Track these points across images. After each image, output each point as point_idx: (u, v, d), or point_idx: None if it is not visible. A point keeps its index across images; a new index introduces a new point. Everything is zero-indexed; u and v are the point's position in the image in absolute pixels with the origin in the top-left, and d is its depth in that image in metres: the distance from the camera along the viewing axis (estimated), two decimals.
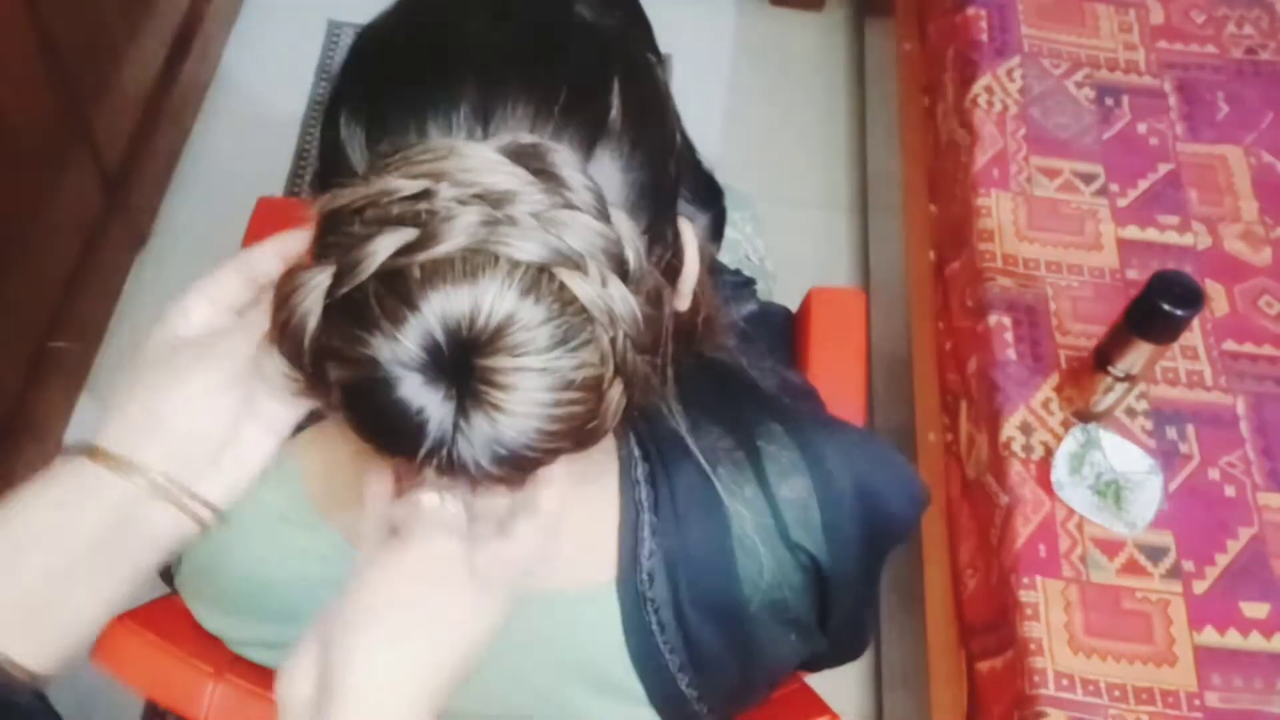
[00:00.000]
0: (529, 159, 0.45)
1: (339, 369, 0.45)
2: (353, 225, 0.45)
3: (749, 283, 1.19)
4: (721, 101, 2.03)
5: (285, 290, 0.46)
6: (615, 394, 0.47)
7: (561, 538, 0.62)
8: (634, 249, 0.47)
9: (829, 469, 0.65)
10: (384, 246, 0.43)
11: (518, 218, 0.44)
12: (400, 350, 0.43)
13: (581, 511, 0.61)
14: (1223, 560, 1.11)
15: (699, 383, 0.57)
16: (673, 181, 0.55)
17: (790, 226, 1.86)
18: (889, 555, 0.73)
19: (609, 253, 0.45)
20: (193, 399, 0.50)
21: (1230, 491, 1.15)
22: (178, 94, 1.76)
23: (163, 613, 0.71)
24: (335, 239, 0.45)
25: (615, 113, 0.51)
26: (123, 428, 0.50)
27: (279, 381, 0.48)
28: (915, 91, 1.66)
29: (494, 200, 0.44)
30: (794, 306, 1.14)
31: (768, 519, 0.63)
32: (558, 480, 0.52)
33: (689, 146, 0.59)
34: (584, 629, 0.63)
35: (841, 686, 1.47)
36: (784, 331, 1.12)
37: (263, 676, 0.69)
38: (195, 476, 0.51)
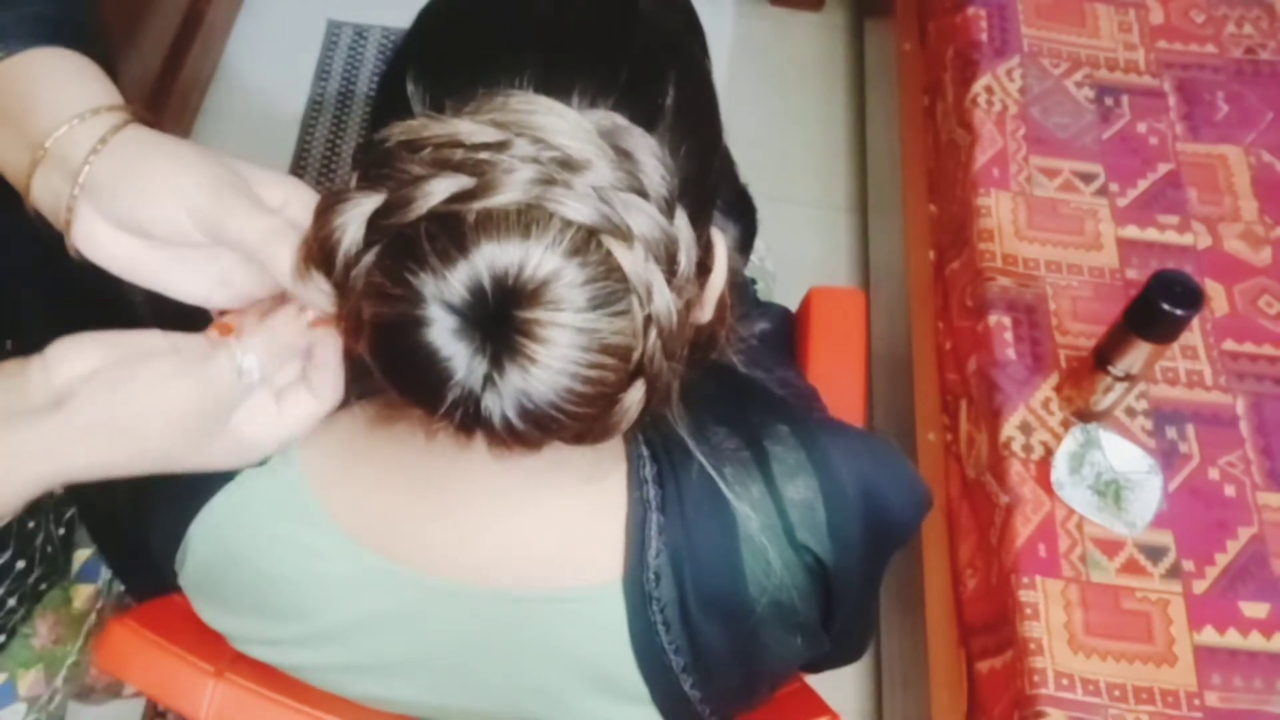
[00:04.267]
0: (614, 137, 0.46)
1: (377, 305, 0.46)
2: (407, 162, 0.46)
3: (749, 283, 1.19)
4: (721, 101, 2.02)
5: (327, 208, 0.47)
6: (637, 393, 0.47)
7: (567, 536, 0.62)
8: (687, 254, 0.48)
9: (835, 470, 0.65)
10: (440, 189, 0.44)
11: (576, 185, 0.45)
12: (446, 289, 0.44)
13: (588, 510, 0.62)
14: (1222, 560, 1.11)
15: (705, 383, 0.57)
16: (713, 185, 0.55)
17: (790, 226, 1.86)
18: (891, 557, 0.73)
19: (664, 246, 0.47)
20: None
21: (1230, 491, 1.15)
22: (178, 93, 1.76)
23: (163, 613, 0.71)
24: (389, 171, 0.46)
25: (670, 103, 0.51)
26: None
27: (319, 300, 0.49)
28: (915, 91, 1.66)
29: (568, 165, 0.45)
30: (794, 306, 1.14)
31: (774, 519, 0.63)
32: (337, 369, 0.53)
33: (728, 157, 0.60)
34: (589, 628, 0.63)
35: (841, 686, 1.48)
36: (784, 331, 1.12)
37: (263, 675, 0.69)
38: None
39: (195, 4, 1.81)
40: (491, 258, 0.44)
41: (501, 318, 0.44)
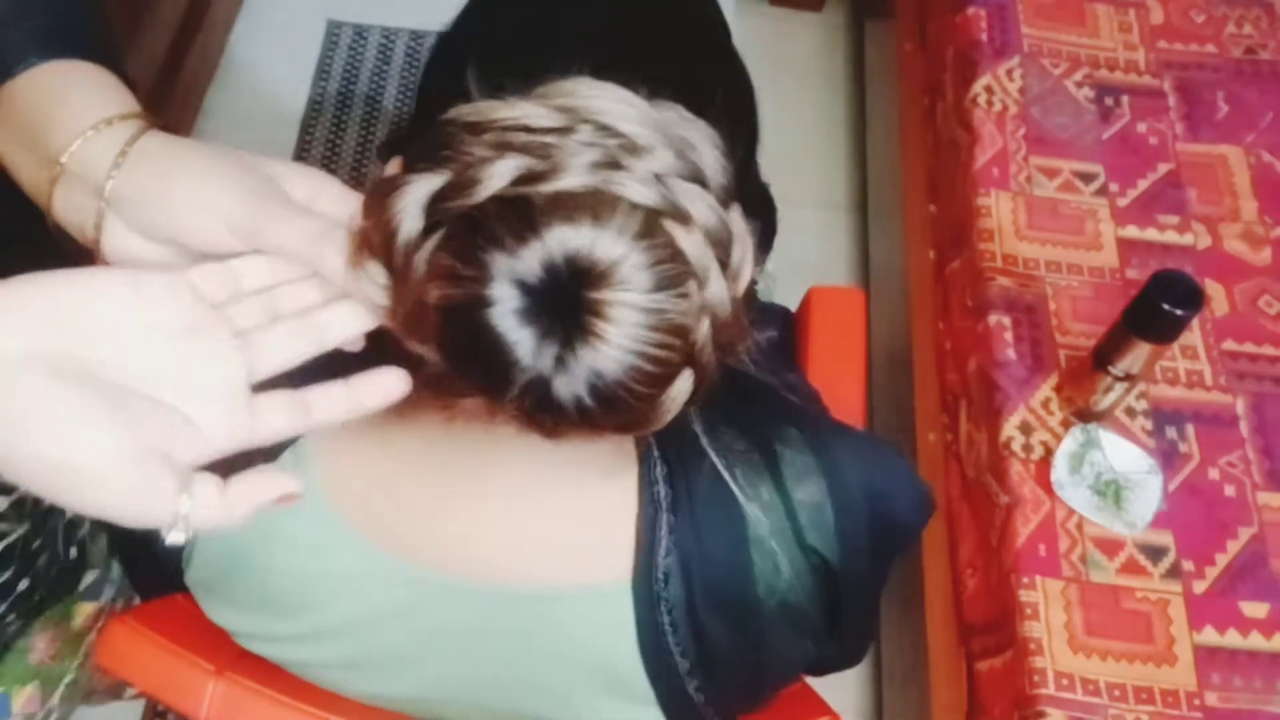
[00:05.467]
0: (677, 126, 0.47)
1: (446, 286, 0.46)
2: (470, 144, 0.46)
3: (752, 283, 1.19)
4: None
5: (383, 195, 0.47)
6: (685, 383, 0.48)
7: (576, 533, 0.62)
8: (741, 248, 0.49)
9: (843, 473, 0.65)
10: (505, 170, 0.45)
11: (637, 169, 0.45)
12: (520, 266, 0.44)
13: (598, 507, 0.62)
14: (1222, 560, 1.11)
15: (716, 385, 0.57)
16: (746, 181, 0.56)
17: (790, 226, 1.85)
18: (895, 560, 0.73)
19: (721, 235, 0.47)
20: None
21: (1230, 491, 1.15)
22: (177, 93, 1.76)
23: (163, 612, 0.71)
24: (450, 153, 0.46)
25: (719, 98, 0.52)
26: None
27: (373, 292, 0.48)
28: (915, 91, 1.66)
29: (632, 150, 0.46)
30: (794, 306, 1.14)
31: (784, 521, 0.63)
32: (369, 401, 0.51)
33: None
34: (596, 627, 0.63)
35: (841, 686, 1.48)
36: (784, 332, 1.12)
37: (264, 673, 0.69)
38: None
39: (195, 3, 1.81)
40: (564, 239, 0.44)
41: (572, 298, 0.45)
